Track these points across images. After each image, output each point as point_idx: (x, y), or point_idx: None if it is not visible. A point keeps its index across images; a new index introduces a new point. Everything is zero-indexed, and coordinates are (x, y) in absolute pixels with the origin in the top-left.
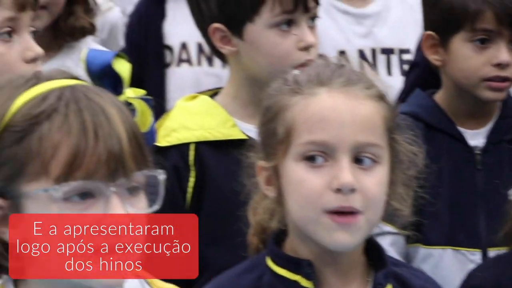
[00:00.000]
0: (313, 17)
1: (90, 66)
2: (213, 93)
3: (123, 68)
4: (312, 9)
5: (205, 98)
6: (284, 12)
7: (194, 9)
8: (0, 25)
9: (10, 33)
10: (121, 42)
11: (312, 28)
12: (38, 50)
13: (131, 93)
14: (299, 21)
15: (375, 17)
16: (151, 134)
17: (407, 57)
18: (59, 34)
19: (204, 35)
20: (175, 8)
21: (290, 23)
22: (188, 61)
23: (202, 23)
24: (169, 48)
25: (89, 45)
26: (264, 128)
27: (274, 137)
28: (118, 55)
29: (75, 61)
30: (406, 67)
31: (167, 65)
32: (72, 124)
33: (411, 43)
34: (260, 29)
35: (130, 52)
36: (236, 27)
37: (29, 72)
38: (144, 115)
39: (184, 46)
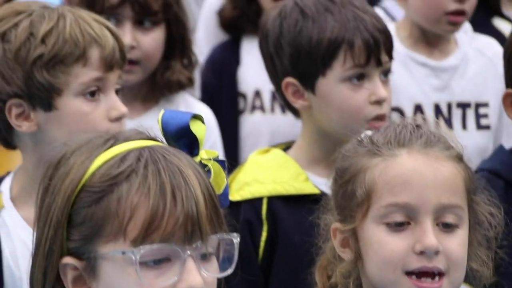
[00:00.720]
0: (386, 71)
1: (166, 127)
2: (286, 146)
3: (200, 129)
4: (385, 63)
5: (278, 151)
6: (356, 66)
7: (268, 63)
8: (86, 85)
9: (96, 92)
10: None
11: (385, 82)
12: (122, 109)
13: (206, 155)
14: (371, 75)
15: (453, 70)
16: (225, 196)
17: (484, 111)
18: (156, 87)
19: (277, 89)
20: (249, 55)
21: (362, 77)
22: (262, 108)
23: (276, 78)
24: (243, 95)
25: (185, 99)
26: (340, 190)
27: (353, 200)
28: (194, 116)
29: None
30: (483, 121)
31: (240, 112)
32: (150, 186)
33: (490, 97)
34: (332, 83)
35: (204, 98)
36: (309, 81)
37: (113, 130)
38: (218, 177)
39: (257, 93)
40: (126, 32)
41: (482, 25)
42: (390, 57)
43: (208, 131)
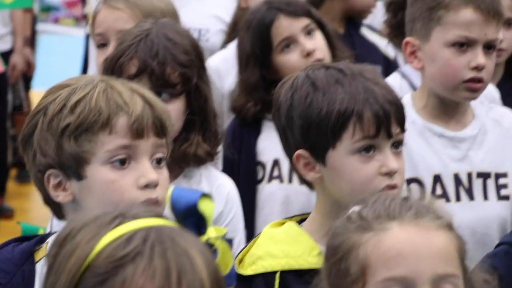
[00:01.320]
0: (398, 143)
1: (175, 204)
2: (301, 218)
3: (208, 208)
4: (396, 135)
5: (292, 225)
6: (366, 137)
7: (281, 136)
8: (113, 153)
9: (126, 160)
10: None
11: (397, 154)
12: (151, 176)
13: (213, 233)
14: (381, 147)
15: (471, 140)
16: (231, 277)
17: (503, 181)
18: (174, 160)
19: (291, 161)
20: (270, 125)
21: (373, 148)
22: (279, 177)
23: (289, 150)
24: (262, 164)
25: (209, 171)
26: (333, 268)
27: (347, 277)
28: (203, 195)
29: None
30: (503, 191)
31: (258, 182)
32: (156, 268)
33: (509, 167)
34: (342, 155)
35: (225, 168)
36: (319, 153)
37: (143, 197)
38: (225, 257)
39: (276, 163)
40: None
41: (510, 95)
42: (402, 129)
43: (229, 204)
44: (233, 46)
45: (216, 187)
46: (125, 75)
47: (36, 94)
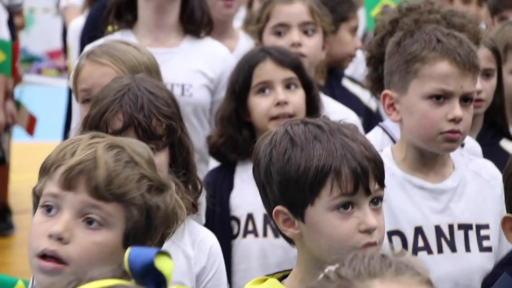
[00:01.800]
0: (377, 199)
1: (132, 264)
2: (283, 275)
3: (166, 266)
4: (375, 191)
5: (274, 281)
6: (343, 194)
7: (260, 191)
8: (44, 198)
9: (51, 208)
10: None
11: (376, 210)
12: (55, 229)
13: None
14: (360, 203)
15: (451, 192)
16: None
17: (485, 232)
18: None
19: (270, 217)
20: (242, 179)
21: (351, 205)
22: (254, 232)
23: (268, 206)
24: (236, 219)
25: (190, 224)
26: None
27: None
28: (161, 253)
29: (176, 243)
30: (485, 243)
31: (233, 237)
32: None
33: (490, 219)
34: (320, 212)
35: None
36: (298, 210)
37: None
38: None
39: (250, 217)
40: None
41: (490, 146)
42: (381, 185)
43: (212, 258)
44: None
45: (198, 242)
46: (111, 130)
47: (17, 145)
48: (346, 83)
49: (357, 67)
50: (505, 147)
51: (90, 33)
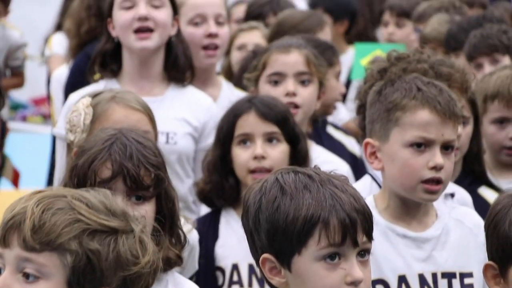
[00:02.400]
0: (364, 251)
1: None
2: None
3: None
4: (363, 244)
5: None
6: (331, 245)
7: (248, 238)
8: None
9: None
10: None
11: (363, 262)
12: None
13: None
14: (347, 255)
15: (434, 240)
16: None
17: (469, 281)
18: None
19: (257, 264)
20: (227, 230)
21: (338, 256)
22: (239, 283)
23: (255, 253)
24: (221, 269)
25: (174, 277)
26: None
27: None
28: None
29: None
30: None
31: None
32: None
33: (473, 267)
34: (307, 262)
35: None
36: (285, 258)
37: None
38: None
39: (235, 268)
40: None
41: (469, 193)
42: (369, 237)
43: None
44: None
45: None
46: (99, 179)
47: (1, 194)
48: (330, 130)
49: (337, 113)
50: (483, 194)
51: (75, 82)
